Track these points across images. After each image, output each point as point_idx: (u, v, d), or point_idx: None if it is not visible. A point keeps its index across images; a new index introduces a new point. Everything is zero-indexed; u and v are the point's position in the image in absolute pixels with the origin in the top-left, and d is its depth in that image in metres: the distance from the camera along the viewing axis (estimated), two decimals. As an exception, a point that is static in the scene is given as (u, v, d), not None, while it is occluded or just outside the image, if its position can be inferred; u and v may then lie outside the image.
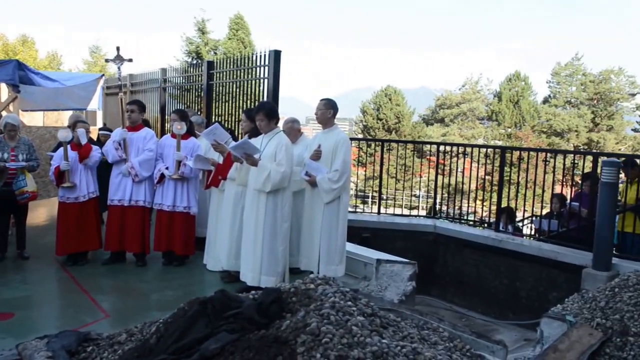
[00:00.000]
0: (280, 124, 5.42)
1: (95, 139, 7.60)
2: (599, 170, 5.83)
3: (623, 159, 6.32)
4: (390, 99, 37.83)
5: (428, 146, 8.91)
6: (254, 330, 2.90)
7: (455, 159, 8.13)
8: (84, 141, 5.67)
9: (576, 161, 6.83)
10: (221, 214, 5.54)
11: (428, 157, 10.28)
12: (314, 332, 2.65)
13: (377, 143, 8.77)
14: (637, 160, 6.35)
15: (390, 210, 9.68)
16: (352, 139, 8.86)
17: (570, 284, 5.65)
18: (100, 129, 8.23)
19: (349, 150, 5.37)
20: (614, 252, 5.94)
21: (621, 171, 6.03)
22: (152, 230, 5.90)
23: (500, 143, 34.38)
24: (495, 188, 8.20)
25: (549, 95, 41.89)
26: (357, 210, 8.62)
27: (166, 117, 9.54)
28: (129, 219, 5.76)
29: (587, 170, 7.26)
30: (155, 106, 10.00)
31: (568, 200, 6.70)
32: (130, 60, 11.05)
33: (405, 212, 11.38)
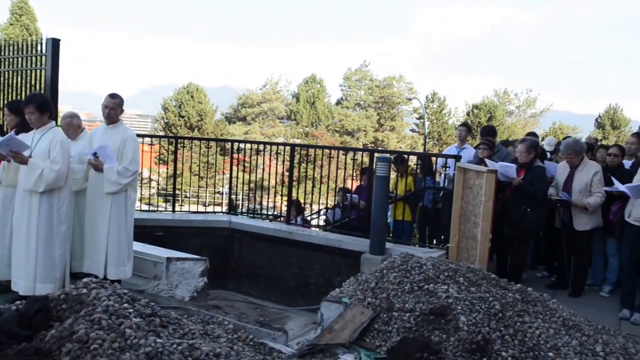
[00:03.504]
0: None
1: None
2: (374, 166, 6.45)
3: (394, 155, 7.10)
4: (192, 97, 37.18)
5: (230, 143, 8.88)
6: (14, 344, 2.60)
7: (256, 156, 8.30)
8: None
9: (357, 157, 7.44)
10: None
11: (230, 154, 10.32)
12: (82, 340, 2.47)
13: (179, 140, 8.53)
14: (406, 157, 7.19)
15: (194, 208, 9.49)
16: (146, 136, 8.50)
17: (351, 269, 6.14)
18: None
19: (137, 147, 5.16)
20: (388, 237, 6.65)
21: (393, 166, 6.78)
22: None
23: (298, 141, 36.13)
24: (294, 183, 8.60)
25: (341, 98, 45.33)
26: (153, 208, 8.26)
27: None
28: None
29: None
30: None
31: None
32: None
33: (210, 209, 11.28)
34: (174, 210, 7.89)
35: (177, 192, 8.87)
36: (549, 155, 7.15)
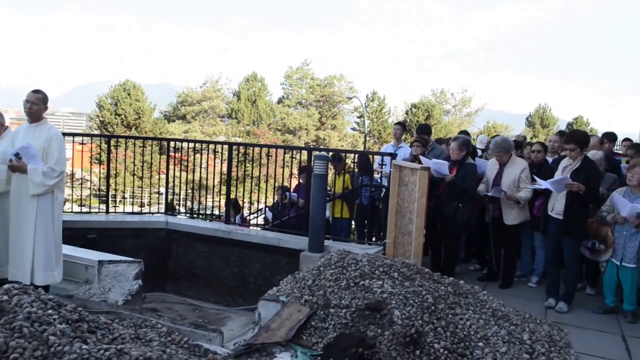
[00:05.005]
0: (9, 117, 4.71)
1: None
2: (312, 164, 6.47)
3: (332, 153, 7.17)
4: (129, 94, 36.04)
5: (171, 143, 8.66)
6: None
7: (196, 155, 8.15)
8: None
9: (298, 156, 7.44)
10: None
11: (167, 153, 10.08)
12: (1, 349, 2.35)
13: (115, 140, 8.24)
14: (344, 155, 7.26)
15: (134, 209, 9.18)
16: (78, 135, 8.18)
17: (291, 267, 6.14)
18: None
19: (63, 146, 4.95)
20: (327, 235, 6.69)
21: (330, 164, 6.84)
22: None
23: (240, 140, 35.79)
24: (236, 182, 8.49)
25: (283, 96, 45.27)
26: (85, 210, 7.98)
27: None
28: None
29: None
30: None
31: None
32: None
33: (149, 209, 10.95)
34: (107, 212, 7.64)
35: (114, 192, 8.58)
36: (480, 152, 7.42)
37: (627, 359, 4.18)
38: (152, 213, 8.47)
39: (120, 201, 16.17)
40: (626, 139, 8.38)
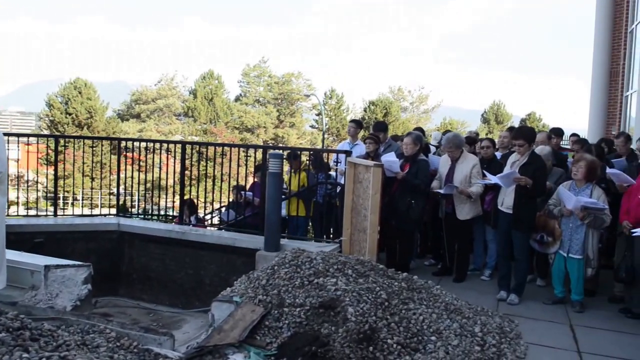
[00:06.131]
0: None
1: None
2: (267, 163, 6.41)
3: (287, 151, 7.13)
4: (80, 92, 35.00)
5: (118, 142, 8.43)
6: None
7: (151, 154, 7.98)
8: None
9: (249, 154, 7.38)
10: None
11: (118, 153, 9.83)
12: None
13: (67, 140, 7.97)
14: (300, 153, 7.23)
15: (86, 211, 8.89)
16: (23, 135, 7.89)
17: (247, 267, 6.07)
18: None
19: (3, 146, 4.73)
20: (283, 234, 6.66)
21: (286, 162, 6.80)
22: None
23: (197, 139, 35.29)
24: (192, 182, 8.35)
25: (240, 94, 44.88)
26: (32, 213, 7.67)
27: None
28: None
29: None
30: None
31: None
32: None
33: (104, 211, 10.63)
34: (55, 214, 7.38)
35: (66, 194, 8.29)
36: (434, 149, 7.53)
37: (574, 347, 4.31)
38: (104, 215, 8.24)
39: (72, 203, 15.68)
40: (573, 134, 8.66)
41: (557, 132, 7.38)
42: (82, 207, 9.24)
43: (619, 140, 6.97)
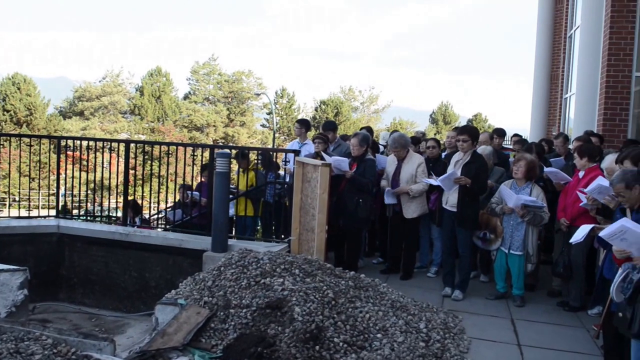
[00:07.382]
0: None
1: None
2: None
3: (235, 151, 7.04)
4: (19, 89, 33.50)
5: (67, 141, 8.09)
6: None
7: (94, 154, 7.69)
8: None
9: (196, 153, 7.25)
10: None
11: (57, 153, 9.45)
12: None
13: (4, 138, 7.57)
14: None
15: (24, 212, 8.45)
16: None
17: (194, 268, 5.95)
18: None
19: None
20: (231, 234, 6.57)
21: (235, 161, 6.72)
22: None
23: (144, 137, 34.45)
24: (138, 182, 8.10)
25: (189, 92, 44.08)
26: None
27: None
28: None
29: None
30: None
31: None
32: None
33: (43, 212, 10.19)
34: (-10, 217, 7.02)
35: (3, 195, 7.92)
36: (382, 149, 7.62)
37: (514, 340, 4.46)
38: (43, 217, 7.90)
39: (9, 205, 14.97)
40: (515, 135, 8.95)
41: (499, 133, 7.61)
42: (20, 208, 8.81)
43: (558, 141, 7.25)
